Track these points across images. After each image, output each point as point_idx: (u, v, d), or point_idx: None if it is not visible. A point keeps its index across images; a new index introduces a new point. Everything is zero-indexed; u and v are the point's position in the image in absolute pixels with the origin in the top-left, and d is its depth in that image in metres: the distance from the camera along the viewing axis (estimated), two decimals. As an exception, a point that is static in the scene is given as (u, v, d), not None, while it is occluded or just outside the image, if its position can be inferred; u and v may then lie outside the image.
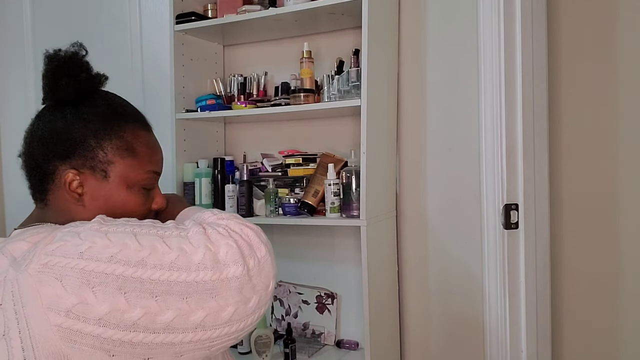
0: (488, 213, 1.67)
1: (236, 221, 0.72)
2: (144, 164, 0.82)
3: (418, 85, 1.84)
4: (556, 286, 1.92)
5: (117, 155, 0.80)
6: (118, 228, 0.66)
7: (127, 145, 0.81)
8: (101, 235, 0.64)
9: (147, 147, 0.84)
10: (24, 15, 2.46)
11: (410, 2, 1.85)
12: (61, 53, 0.83)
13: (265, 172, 1.95)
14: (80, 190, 0.79)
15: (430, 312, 1.85)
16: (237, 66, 2.13)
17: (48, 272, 0.61)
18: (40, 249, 0.63)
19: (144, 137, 0.84)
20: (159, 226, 0.68)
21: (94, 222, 0.68)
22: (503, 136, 1.62)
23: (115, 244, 0.63)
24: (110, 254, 0.62)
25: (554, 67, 1.92)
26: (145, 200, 0.83)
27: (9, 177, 2.57)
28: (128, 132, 0.82)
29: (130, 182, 0.81)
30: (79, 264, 0.61)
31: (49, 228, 0.74)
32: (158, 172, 0.86)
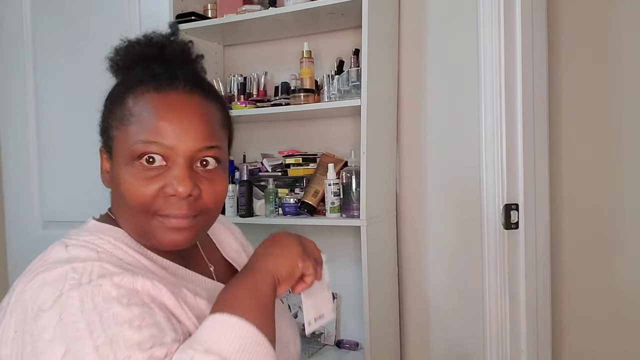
0: (488, 213, 1.67)
1: None
2: (139, 131, 0.66)
3: (418, 85, 1.84)
4: (556, 286, 1.92)
5: (116, 128, 0.68)
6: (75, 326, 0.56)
7: (123, 113, 0.68)
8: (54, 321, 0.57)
9: (148, 111, 0.66)
10: (23, 15, 2.46)
11: (410, 2, 1.85)
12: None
13: (265, 172, 1.95)
14: (107, 170, 0.72)
15: (430, 312, 1.85)
16: (237, 66, 2.13)
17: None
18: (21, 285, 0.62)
19: (149, 99, 0.67)
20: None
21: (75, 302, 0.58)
22: (503, 136, 1.62)
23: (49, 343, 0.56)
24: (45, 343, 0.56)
25: (554, 67, 1.92)
26: (148, 182, 0.66)
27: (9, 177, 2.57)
28: (131, 96, 0.68)
29: (124, 156, 0.67)
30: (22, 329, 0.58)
31: (95, 239, 0.68)
32: (163, 145, 0.66)
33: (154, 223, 0.67)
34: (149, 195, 0.66)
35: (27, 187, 2.47)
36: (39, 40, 2.44)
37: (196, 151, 0.68)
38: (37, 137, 2.44)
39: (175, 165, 0.66)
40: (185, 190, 0.65)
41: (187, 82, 0.70)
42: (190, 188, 0.66)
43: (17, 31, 2.48)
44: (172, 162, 0.66)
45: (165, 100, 0.67)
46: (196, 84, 0.71)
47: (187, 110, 0.68)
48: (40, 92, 2.43)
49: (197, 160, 0.68)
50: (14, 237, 2.52)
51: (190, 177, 0.66)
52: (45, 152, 2.42)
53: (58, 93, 2.32)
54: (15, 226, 2.52)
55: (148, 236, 0.69)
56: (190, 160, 0.67)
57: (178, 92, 0.68)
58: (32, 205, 2.46)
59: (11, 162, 2.53)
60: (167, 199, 0.66)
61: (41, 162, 2.44)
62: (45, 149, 2.43)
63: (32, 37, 2.45)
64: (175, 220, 0.67)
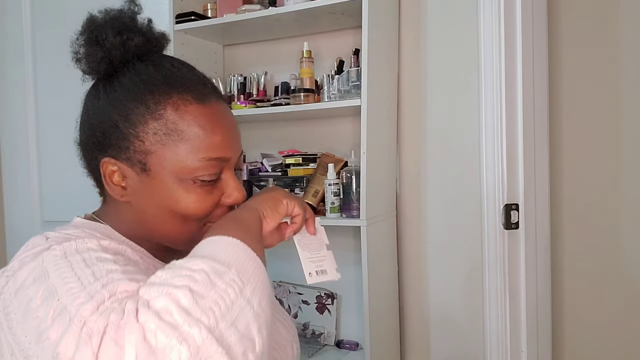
0: (488, 213, 1.67)
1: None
2: (195, 149, 0.64)
3: (418, 85, 1.84)
4: (556, 286, 1.92)
5: (157, 142, 0.64)
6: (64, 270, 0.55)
7: (168, 128, 0.64)
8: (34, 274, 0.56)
9: (199, 126, 0.65)
10: (23, 15, 2.46)
11: (410, 2, 1.85)
12: (98, 17, 0.68)
13: (265, 172, 1.95)
14: (123, 184, 0.67)
15: (430, 312, 1.85)
16: (237, 66, 2.13)
17: None
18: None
19: (195, 112, 0.65)
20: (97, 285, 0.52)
21: (57, 254, 0.57)
22: (503, 136, 1.62)
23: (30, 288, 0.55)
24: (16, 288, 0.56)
25: (554, 67, 1.92)
26: (208, 195, 0.66)
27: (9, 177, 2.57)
28: (170, 108, 0.64)
29: (179, 174, 0.65)
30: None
31: (78, 232, 0.67)
32: (222, 158, 0.66)
33: (204, 229, 0.67)
34: (211, 207, 0.67)
35: (27, 187, 2.47)
36: (39, 40, 2.44)
37: (238, 158, 0.71)
38: (37, 137, 2.44)
39: (228, 175, 0.69)
40: (243, 197, 0.69)
41: (212, 87, 0.71)
42: (244, 194, 0.69)
43: (17, 31, 2.48)
44: (224, 173, 0.68)
45: (211, 112, 0.67)
46: (212, 85, 0.72)
47: (228, 120, 0.69)
48: (40, 92, 2.43)
49: (237, 166, 0.72)
50: (14, 237, 2.52)
51: (239, 184, 0.70)
52: (45, 152, 2.42)
53: (58, 93, 2.32)
54: (15, 226, 2.52)
55: (195, 243, 0.62)
56: (235, 169, 0.71)
57: (214, 101, 0.69)
58: (32, 205, 2.46)
59: (11, 162, 2.53)
60: (221, 207, 0.69)
61: (41, 162, 2.44)
62: (45, 149, 2.43)
63: (32, 37, 2.45)
64: None
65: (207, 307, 0.48)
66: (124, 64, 0.68)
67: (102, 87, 0.68)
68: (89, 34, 0.68)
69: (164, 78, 0.67)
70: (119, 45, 0.67)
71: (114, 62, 0.67)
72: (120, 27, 0.68)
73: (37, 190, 2.44)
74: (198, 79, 0.70)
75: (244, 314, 0.50)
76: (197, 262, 0.52)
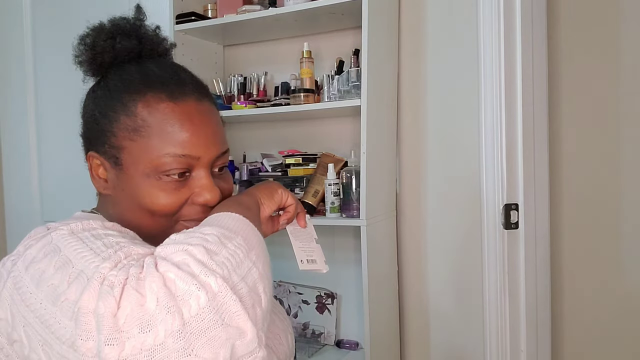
0: (488, 213, 1.67)
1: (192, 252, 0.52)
2: (161, 145, 0.65)
3: (418, 85, 1.84)
4: (556, 286, 1.92)
5: (127, 138, 0.66)
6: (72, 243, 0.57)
7: (137, 124, 0.66)
8: (40, 248, 0.58)
9: (167, 123, 0.65)
10: (23, 15, 2.46)
11: (410, 2, 1.85)
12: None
13: (265, 172, 1.95)
14: (105, 177, 0.70)
15: (430, 312, 1.85)
16: (237, 66, 2.13)
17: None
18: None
19: (165, 109, 0.66)
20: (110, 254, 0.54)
21: (64, 231, 0.59)
22: (503, 136, 1.62)
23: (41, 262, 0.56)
24: (29, 262, 0.57)
25: (554, 67, 1.92)
26: (175, 192, 0.67)
27: (9, 177, 2.57)
28: (141, 105, 0.66)
29: (146, 170, 0.66)
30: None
31: (81, 217, 0.70)
32: (189, 156, 0.66)
33: (176, 228, 0.69)
34: (177, 205, 0.67)
35: (27, 187, 2.47)
36: (39, 40, 2.44)
37: (216, 158, 0.70)
38: (37, 137, 2.44)
39: (200, 174, 0.68)
40: (215, 198, 0.68)
41: (194, 87, 0.70)
42: (218, 194, 0.68)
43: (17, 31, 2.48)
44: (196, 170, 0.68)
45: (184, 110, 0.67)
46: (198, 87, 0.72)
47: (205, 119, 0.69)
48: (40, 92, 2.43)
49: (215, 166, 0.71)
50: (14, 236, 2.52)
51: (214, 184, 0.69)
52: (45, 152, 2.43)
53: (58, 93, 2.33)
54: (15, 226, 2.52)
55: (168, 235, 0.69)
56: (211, 167, 0.70)
57: (191, 100, 0.68)
58: (32, 205, 2.46)
59: (11, 162, 2.53)
60: (193, 206, 0.68)
61: (41, 162, 2.44)
62: (45, 149, 2.43)
63: (32, 37, 2.45)
64: (195, 223, 0.67)
65: (221, 262, 0.52)
66: (114, 66, 0.71)
67: (92, 88, 0.72)
68: (87, 37, 0.72)
69: (141, 77, 0.68)
70: (109, 48, 0.70)
71: (104, 63, 0.70)
72: (115, 32, 0.71)
73: (37, 189, 2.44)
74: (179, 79, 0.70)
75: (251, 273, 0.54)
76: (207, 229, 0.56)
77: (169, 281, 0.49)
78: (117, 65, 0.71)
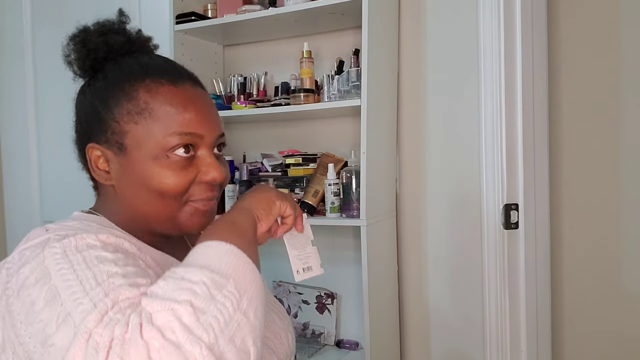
0: (488, 213, 1.67)
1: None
2: (166, 125, 0.67)
3: (418, 85, 1.84)
4: (556, 286, 1.92)
5: (131, 122, 0.68)
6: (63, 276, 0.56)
7: (140, 107, 0.68)
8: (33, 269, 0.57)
9: (169, 104, 0.68)
10: (23, 15, 2.46)
11: (410, 2, 1.85)
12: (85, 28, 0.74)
13: (265, 172, 1.95)
14: (107, 168, 0.70)
15: (430, 312, 1.85)
16: (237, 66, 2.13)
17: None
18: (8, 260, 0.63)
19: (166, 91, 0.69)
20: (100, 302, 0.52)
21: (57, 253, 0.58)
22: (503, 136, 1.62)
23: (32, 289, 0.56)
24: (19, 285, 0.57)
25: (554, 67, 1.92)
26: (182, 172, 0.68)
27: (8, 177, 2.57)
28: (142, 90, 0.68)
29: (152, 151, 0.67)
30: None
31: (77, 224, 0.70)
32: (194, 134, 0.68)
33: (185, 209, 0.70)
34: (186, 184, 0.68)
35: (27, 187, 2.47)
36: (39, 40, 2.44)
37: (217, 138, 0.72)
38: (37, 137, 2.44)
39: (204, 153, 0.70)
40: (221, 176, 0.70)
41: (188, 74, 0.74)
42: (223, 173, 0.71)
43: (17, 31, 2.48)
44: (200, 150, 0.70)
45: (184, 92, 0.70)
46: (191, 74, 0.75)
47: (203, 101, 0.72)
48: (40, 92, 2.43)
49: (215, 146, 0.73)
50: (14, 236, 2.52)
51: (218, 163, 0.71)
52: (45, 152, 2.43)
53: (58, 93, 2.33)
54: (15, 226, 2.52)
55: (175, 223, 0.71)
56: (213, 147, 0.72)
57: (188, 85, 0.71)
58: (32, 204, 2.46)
59: (11, 162, 2.53)
60: (200, 185, 0.70)
61: (41, 162, 2.44)
62: (45, 149, 2.43)
63: (32, 37, 2.46)
64: (203, 203, 0.71)
65: (208, 324, 0.50)
66: (108, 61, 0.73)
67: (87, 83, 0.74)
68: (77, 37, 0.74)
69: (139, 66, 0.71)
70: (102, 44, 0.72)
71: (98, 59, 0.72)
72: (105, 30, 0.74)
73: (37, 190, 2.44)
74: (174, 68, 0.73)
75: (241, 327, 0.52)
76: (196, 273, 0.53)
77: (154, 351, 0.47)
78: (111, 59, 0.73)
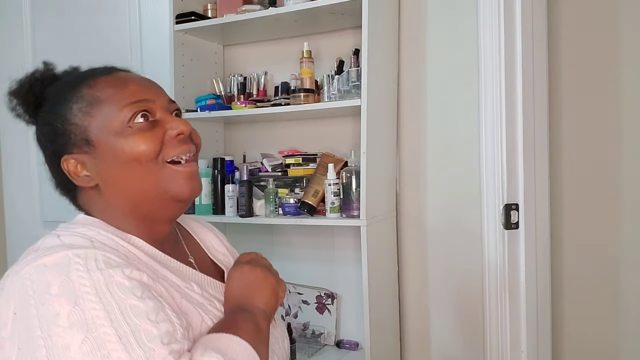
0: (488, 213, 1.67)
1: None
2: (114, 103, 0.72)
3: (418, 85, 1.84)
4: (556, 286, 1.92)
5: (86, 116, 0.72)
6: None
7: (87, 101, 0.72)
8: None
9: (112, 87, 0.73)
10: (23, 15, 2.46)
11: (410, 2, 1.85)
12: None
13: (265, 172, 1.95)
14: (86, 172, 0.73)
15: (430, 312, 1.85)
16: (237, 66, 2.13)
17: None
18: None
19: (104, 80, 0.74)
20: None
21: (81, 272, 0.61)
22: (503, 136, 1.62)
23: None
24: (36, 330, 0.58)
25: (554, 67, 1.92)
26: (148, 133, 0.72)
27: (9, 177, 2.57)
28: (85, 88, 0.73)
29: (114, 130, 0.71)
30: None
31: (86, 230, 0.72)
32: (143, 100, 0.73)
33: (166, 173, 0.73)
34: (157, 142, 0.72)
35: (27, 187, 2.47)
36: (39, 40, 2.44)
37: (168, 103, 0.76)
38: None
39: (164, 115, 0.74)
40: (187, 128, 0.74)
41: (122, 69, 0.79)
42: (189, 125, 0.74)
43: (17, 31, 2.48)
44: (159, 115, 0.74)
45: (118, 76, 0.76)
46: (126, 69, 0.80)
47: (140, 78, 0.78)
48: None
49: (171, 111, 0.77)
50: (14, 236, 2.52)
51: (180, 119, 0.75)
52: (45, 152, 2.42)
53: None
54: (15, 226, 2.52)
55: (167, 188, 0.73)
56: (170, 111, 0.76)
57: (121, 72, 0.77)
58: (32, 205, 2.46)
59: (11, 162, 2.53)
60: (171, 141, 0.73)
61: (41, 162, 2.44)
62: (45, 149, 2.43)
63: (32, 37, 2.45)
64: (184, 166, 0.74)
65: None
66: (45, 91, 0.77)
67: (38, 117, 0.77)
68: (14, 87, 0.80)
69: (74, 76, 0.77)
70: (37, 79, 0.79)
71: (36, 91, 0.77)
72: (34, 72, 0.80)
73: (37, 190, 2.44)
74: (106, 66, 0.79)
75: None
76: None
77: None
78: (45, 89, 0.77)
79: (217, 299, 0.77)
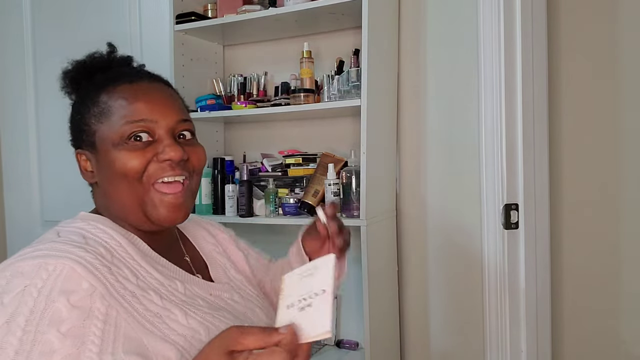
0: (488, 213, 1.67)
1: None
2: (120, 116, 0.75)
3: (418, 85, 1.84)
4: (556, 286, 1.92)
5: (97, 122, 0.76)
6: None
7: (101, 108, 0.76)
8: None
9: (123, 98, 0.76)
10: (24, 15, 2.46)
11: (410, 2, 1.85)
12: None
13: (265, 172, 1.95)
14: (90, 168, 0.79)
15: (430, 312, 1.85)
16: (237, 66, 2.13)
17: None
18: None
19: (122, 89, 0.77)
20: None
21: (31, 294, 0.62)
22: (503, 136, 1.62)
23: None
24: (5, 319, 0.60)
25: (554, 67, 1.92)
26: (139, 152, 0.74)
27: (9, 177, 2.57)
28: (103, 94, 0.77)
29: (113, 141, 0.75)
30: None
31: (84, 224, 0.76)
32: (146, 119, 0.75)
33: (151, 195, 0.75)
34: (144, 161, 0.74)
35: (27, 187, 2.47)
36: (39, 40, 2.44)
37: (175, 123, 0.78)
38: (37, 137, 2.44)
39: (162, 137, 0.76)
40: (177, 155, 0.75)
41: (148, 73, 0.82)
42: (181, 152, 0.75)
43: (17, 31, 2.48)
44: (158, 135, 0.76)
45: (138, 87, 0.78)
46: (151, 74, 0.83)
47: (158, 93, 0.79)
48: (40, 92, 2.43)
49: (176, 133, 0.79)
50: (14, 236, 2.52)
51: (177, 144, 0.76)
52: (45, 152, 2.43)
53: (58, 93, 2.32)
54: (15, 226, 2.52)
55: (147, 211, 0.76)
56: (172, 133, 0.77)
57: (144, 82, 0.79)
58: (32, 205, 2.46)
59: (11, 162, 2.53)
60: (160, 165, 0.75)
61: (41, 162, 2.44)
62: (45, 149, 2.43)
63: (32, 37, 2.45)
64: (172, 196, 0.76)
65: None
66: (94, 77, 0.82)
67: (72, 103, 0.83)
68: (68, 67, 0.84)
69: (105, 76, 0.80)
70: (81, 65, 0.83)
71: (78, 78, 0.82)
72: (85, 58, 0.84)
73: (37, 190, 2.44)
74: (135, 71, 0.83)
75: None
76: None
77: None
78: (95, 77, 0.81)
79: (200, 297, 0.79)
